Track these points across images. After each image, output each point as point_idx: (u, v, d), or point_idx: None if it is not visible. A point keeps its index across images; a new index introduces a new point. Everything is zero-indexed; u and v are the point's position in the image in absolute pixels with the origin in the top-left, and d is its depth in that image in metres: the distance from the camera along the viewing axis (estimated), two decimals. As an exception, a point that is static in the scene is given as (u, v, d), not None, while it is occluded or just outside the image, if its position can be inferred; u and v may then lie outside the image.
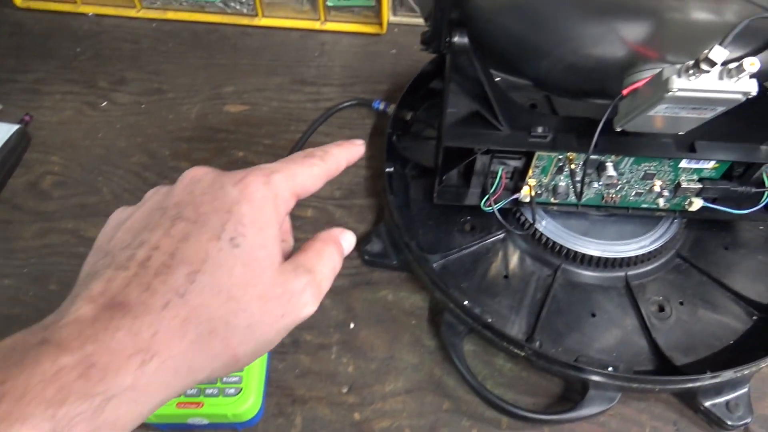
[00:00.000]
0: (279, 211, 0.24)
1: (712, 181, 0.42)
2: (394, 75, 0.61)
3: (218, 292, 0.21)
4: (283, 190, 0.24)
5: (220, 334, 0.21)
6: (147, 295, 0.20)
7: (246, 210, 0.22)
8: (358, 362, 0.42)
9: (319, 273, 0.24)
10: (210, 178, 0.24)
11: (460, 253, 0.46)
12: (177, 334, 0.20)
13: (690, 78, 0.30)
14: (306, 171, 0.25)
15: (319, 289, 0.24)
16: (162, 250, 0.21)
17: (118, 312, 0.19)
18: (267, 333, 0.22)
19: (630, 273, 0.45)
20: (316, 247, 0.25)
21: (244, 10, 0.66)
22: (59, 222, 0.51)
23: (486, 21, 0.36)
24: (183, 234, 0.21)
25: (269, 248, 0.23)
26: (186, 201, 0.23)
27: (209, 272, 0.21)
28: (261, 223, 0.23)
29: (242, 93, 0.60)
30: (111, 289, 0.20)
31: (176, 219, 0.22)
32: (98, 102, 0.60)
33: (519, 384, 0.41)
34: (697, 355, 0.41)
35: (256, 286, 0.22)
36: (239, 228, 0.22)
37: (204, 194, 0.23)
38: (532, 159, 0.41)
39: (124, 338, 0.19)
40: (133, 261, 0.21)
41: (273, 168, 0.24)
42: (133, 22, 0.68)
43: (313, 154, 0.26)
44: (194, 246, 0.21)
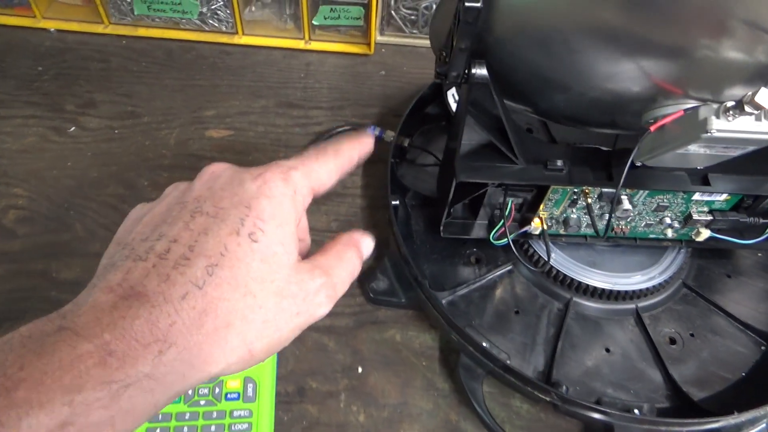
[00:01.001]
0: (297, 208, 0.24)
1: (722, 213, 0.41)
2: (384, 98, 0.59)
3: (236, 286, 0.21)
4: (301, 186, 0.24)
5: (236, 328, 0.21)
6: (166, 285, 0.20)
7: (265, 205, 0.23)
8: (369, 410, 0.40)
9: (336, 276, 0.24)
10: (229, 174, 0.24)
11: (467, 289, 0.44)
12: (195, 325, 0.20)
13: (729, 119, 0.29)
14: (322, 167, 0.26)
15: (334, 291, 0.24)
16: (181, 242, 0.21)
17: (137, 301, 0.19)
18: (281, 330, 0.22)
19: (640, 305, 0.44)
20: (336, 249, 0.25)
21: (223, 27, 0.63)
22: (27, 263, 0.46)
23: (508, 54, 0.35)
24: (202, 227, 0.22)
25: (287, 245, 0.23)
26: (205, 196, 0.23)
27: (228, 266, 0.21)
28: (280, 219, 0.23)
29: (225, 117, 0.57)
30: (129, 279, 0.20)
31: (196, 213, 0.22)
32: (65, 127, 0.55)
33: (538, 427, 0.40)
34: (713, 389, 0.41)
35: (273, 282, 0.22)
36: (258, 223, 0.22)
37: (223, 189, 0.23)
38: (546, 192, 0.40)
39: (143, 327, 0.19)
40: (153, 252, 0.21)
41: (290, 164, 0.25)
42: (101, 38, 0.64)
43: (326, 151, 0.27)
44: (213, 239, 0.21)
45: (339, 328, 0.43)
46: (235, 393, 0.37)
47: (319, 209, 0.50)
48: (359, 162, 0.28)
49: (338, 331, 0.43)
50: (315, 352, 0.42)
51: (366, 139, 0.29)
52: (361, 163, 0.28)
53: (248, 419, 0.36)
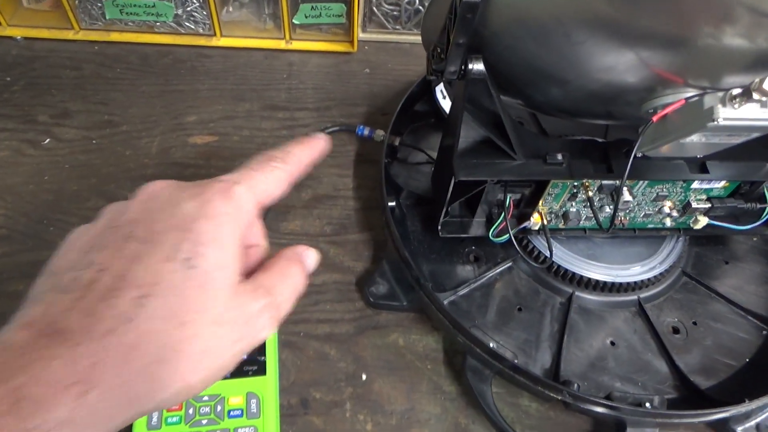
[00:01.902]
0: (241, 226, 0.23)
1: (721, 200, 0.41)
2: (370, 96, 0.58)
3: (170, 317, 0.20)
4: (245, 202, 0.23)
5: (170, 362, 0.19)
6: (90, 320, 0.18)
7: (205, 228, 0.21)
8: (376, 418, 0.39)
9: (279, 294, 0.23)
10: (167, 194, 0.23)
11: (468, 288, 0.44)
12: (121, 362, 0.18)
13: (735, 107, 0.29)
14: (268, 177, 0.24)
15: (278, 311, 0.23)
16: (110, 271, 0.20)
17: (56, 339, 0.18)
18: (221, 358, 0.21)
19: (642, 295, 0.44)
20: (279, 266, 0.24)
21: (200, 29, 0.61)
22: (6, 284, 0.43)
23: (504, 48, 0.34)
24: (134, 254, 0.20)
25: (228, 268, 0.21)
26: (140, 219, 0.22)
27: (161, 296, 0.20)
28: (221, 241, 0.21)
29: (208, 122, 0.55)
30: (50, 314, 0.19)
31: (128, 238, 0.21)
32: (39, 139, 0.53)
33: (548, 425, 0.39)
34: (719, 377, 0.41)
35: (210, 309, 0.20)
36: (197, 248, 0.21)
37: (160, 211, 0.22)
38: (545, 187, 0.39)
39: (61, 367, 0.17)
40: (78, 283, 0.19)
41: (233, 179, 0.23)
42: (72, 45, 0.61)
43: (273, 157, 0.25)
44: (146, 267, 0.20)
45: (339, 335, 0.42)
46: (238, 410, 0.35)
47: (311, 213, 0.49)
48: (313, 165, 0.27)
49: (339, 339, 0.42)
50: (316, 362, 0.41)
51: (317, 141, 0.27)
52: (316, 164, 0.27)
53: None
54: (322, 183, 0.51)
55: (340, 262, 0.46)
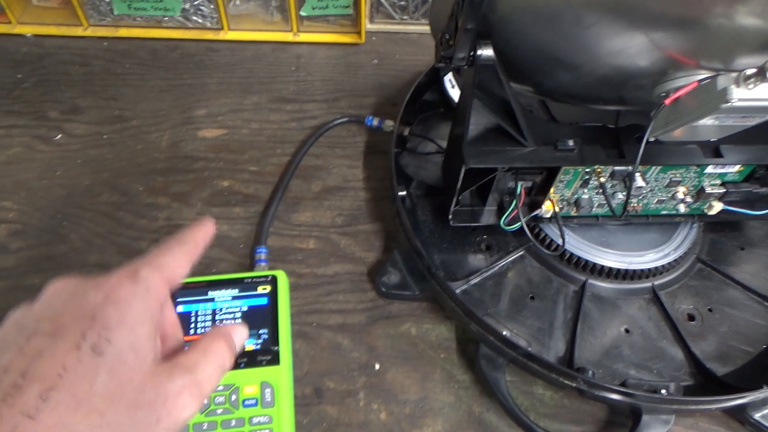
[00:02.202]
0: (151, 306, 0.23)
1: (735, 185, 0.41)
2: (379, 87, 0.58)
3: (77, 407, 0.19)
4: (153, 281, 0.23)
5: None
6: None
7: (112, 312, 0.21)
8: (390, 407, 0.39)
9: (200, 371, 0.23)
10: (72, 288, 0.23)
11: (480, 277, 0.43)
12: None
13: (749, 87, 0.28)
14: (168, 256, 0.25)
15: (199, 389, 0.22)
16: (12, 370, 0.19)
17: None
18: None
19: (656, 283, 0.43)
20: (201, 344, 0.24)
21: (208, 23, 0.61)
22: (23, 278, 0.44)
23: (513, 33, 0.34)
24: (38, 349, 0.20)
25: (140, 350, 0.21)
26: (45, 315, 0.21)
27: (66, 387, 0.19)
28: (130, 322, 0.21)
29: (217, 115, 0.55)
30: None
31: (32, 335, 0.20)
32: (51, 135, 0.53)
33: (563, 413, 0.39)
34: (735, 364, 0.40)
35: (123, 394, 0.20)
36: (103, 333, 0.20)
37: (65, 304, 0.22)
38: (557, 174, 0.39)
39: None
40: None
41: (136, 264, 0.24)
42: (81, 41, 0.61)
43: (168, 242, 0.26)
44: (49, 361, 0.19)
45: (352, 325, 0.42)
46: (252, 399, 0.35)
47: (322, 204, 0.49)
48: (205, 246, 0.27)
49: (352, 329, 0.42)
50: (330, 352, 0.41)
51: (205, 223, 0.28)
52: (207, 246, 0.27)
53: (268, 425, 0.35)
54: (332, 174, 0.51)
55: (351, 252, 0.46)
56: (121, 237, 0.46)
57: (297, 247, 0.46)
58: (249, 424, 0.35)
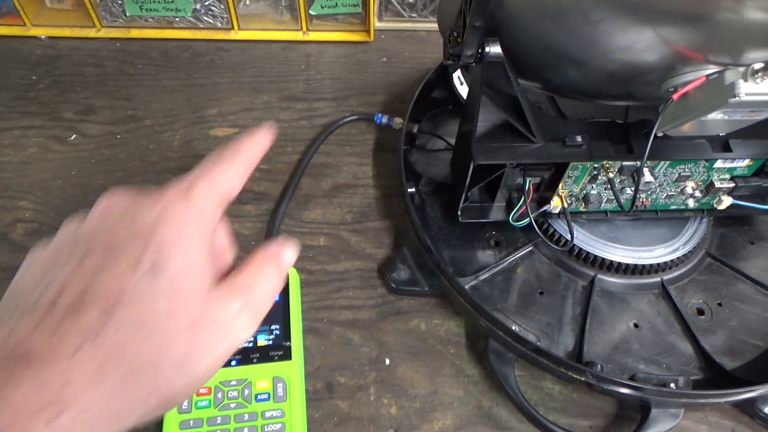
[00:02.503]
0: (205, 228, 0.22)
1: (745, 179, 0.41)
2: (388, 85, 0.58)
3: (140, 327, 0.19)
4: (207, 200, 0.22)
5: (147, 373, 0.19)
6: (55, 340, 0.18)
7: (166, 233, 0.20)
8: (401, 401, 0.39)
9: (255, 293, 0.22)
10: (125, 204, 0.22)
11: (490, 273, 0.44)
12: (93, 380, 0.18)
13: (757, 81, 0.28)
14: (225, 170, 0.23)
15: (255, 311, 0.22)
16: (70, 289, 0.19)
17: (21, 363, 0.17)
18: (202, 364, 0.20)
19: (665, 278, 0.43)
20: (253, 264, 0.23)
21: (218, 23, 0.62)
22: (40, 276, 0.45)
23: (520, 30, 0.34)
24: (94, 268, 0.19)
25: (196, 271, 0.21)
26: (98, 231, 0.21)
27: (127, 307, 0.19)
28: (185, 244, 0.21)
29: (228, 114, 0.56)
30: (14, 338, 0.18)
31: (87, 252, 0.20)
32: (65, 135, 0.54)
33: (572, 407, 0.39)
34: (745, 358, 0.40)
35: (183, 314, 0.20)
36: (160, 254, 0.20)
37: (119, 222, 0.21)
38: (565, 169, 0.39)
39: (29, 392, 0.17)
40: (39, 304, 0.19)
41: (189, 180, 0.22)
42: (94, 43, 0.62)
43: (224, 153, 0.24)
44: (107, 280, 0.19)
45: (363, 321, 0.43)
46: (265, 393, 0.36)
47: (331, 202, 0.50)
48: (263, 154, 0.26)
49: (362, 324, 0.43)
50: (340, 347, 0.42)
51: (263, 131, 0.26)
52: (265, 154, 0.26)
53: (281, 419, 0.35)
54: (342, 172, 0.52)
55: (361, 249, 0.47)
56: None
57: (307, 244, 0.47)
58: (262, 417, 0.35)
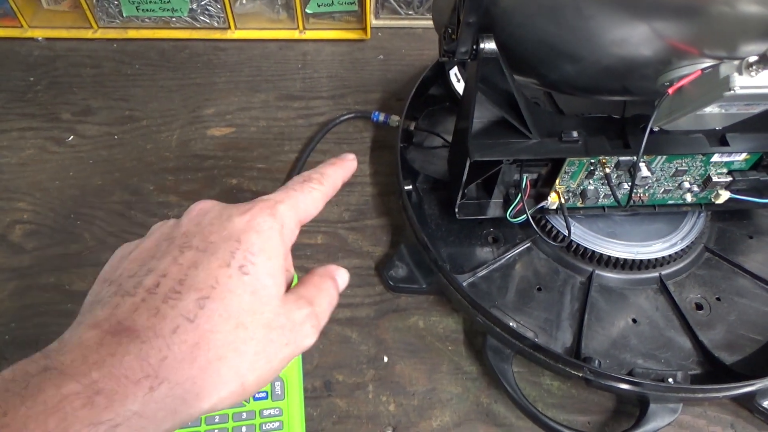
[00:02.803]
0: (285, 241, 0.24)
1: (742, 173, 0.41)
2: (385, 82, 0.58)
3: (227, 318, 0.21)
4: (288, 219, 0.24)
5: (229, 361, 0.21)
6: (156, 319, 0.20)
7: (254, 239, 0.23)
8: (399, 399, 0.39)
9: (318, 305, 0.24)
10: (218, 210, 0.24)
11: (487, 270, 0.44)
12: (187, 359, 0.19)
13: (752, 74, 0.28)
14: (307, 197, 0.26)
15: (318, 321, 0.24)
16: (171, 276, 0.21)
17: (125, 337, 0.19)
18: (272, 362, 0.22)
19: (664, 272, 0.43)
20: (314, 281, 0.25)
21: (215, 23, 0.62)
22: (38, 277, 0.45)
23: (515, 25, 0.34)
24: (192, 261, 0.22)
25: (276, 278, 0.23)
26: (194, 231, 0.23)
27: (219, 298, 0.21)
28: (269, 252, 0.23)
29: (225, 114, 0.56)
30: (117, 314, 0.20)
31: (185, 247, 0.22)
32: (63, 137, 0.54)
33: (571, 403, 0.39)
34: (744, 352, 0.40)
35: (263, 314, 0.22)
36: (248, 256, 0.22)
37: (212, 224, 0.23)
38: (561, 165, 0.39)
39: (132, 363, 0.18)
40: (141, 287, 0.21)
41: (276, 199, 0.25)
42: (91, 44, 0.62)
43: (310, 179, 0.27)
44: (204, 272, 0.21)
45: (361, 319, 0.43)
46: (263, 392, 0.36)
47: (330, 200, 0.49)
48: (344, 183, 0.29)
49: (360, 322, 0.43)
50: (339, 345, 0.42)
51: (348, 162, 0.29)
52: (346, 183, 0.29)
53: (279, 417, 0.35)
54: (339, 170, 0.52)
55: (359, 247, 0.47)
56: (133, 235, 0.46)
57: (305, 242, 0.47)
58: (260, 416, 0.35)
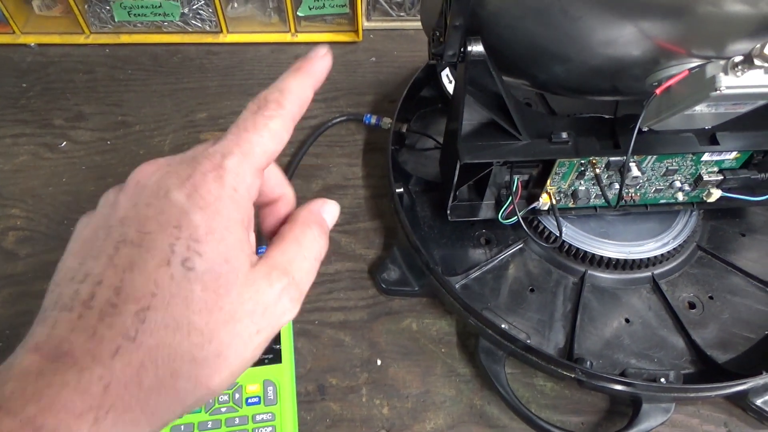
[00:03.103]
0: (242, 205, 0.20)
1: (733, 171, 0.41)
2: (377, 84, 0.58)
3: (176, 327, 0.18)
4: (243, 175, 0.20)
5: (185, 374, 0.18)
6: (93, 342, 0.17)
7: (198, 221, 0.19)
8: (393, 402, 0.39)
9: (297, 270, 0.21)
10: (155, 183, 0.20)
11: (480, 271, 0.44)
12: (132, 383, 0.17)
13: (737, 74, 0.28)
14: (264, 134, 0.21)
15: (298, 290, 0.21)
16: (106, 284, 0.18)
17: (64, 364, 0.17)
18: (241, 355, 0.19)
19: (656, 272, 0.43)
20: (293, 234, 0.22)
21: (207, 27, 0.62)
22: (32, 284, 0.45)
23: (503, 27, 0.34)
24: (128, 261, 0.18)
25: (232, 260, 0.19)
26: (131, 217, 0.19)
27: (161, 307, 0.18)
28: (220, 230, 0.19)
29: (217, 118, 0.56)
30: (55, 336, 0.17)
31: (119, 242, 0.19)
32: (56, 143, 0.54)
33: (564, 404, 0.39)
34: (737, 351, 0.40)
35: (221, 309, 0.19)
36: (192, 245, 0.18)
37: (149, 205, 0.19)
38: (552, 166, 0.39)
39: (72, 395, 0.16)
40: (77, 300, 0.18)
41: (223, 149, 0.20)
42: (83, 49, 0.62)
43: (266, 103, 0.21)
44: (141, 277, 0.18)
45: (354, 322, 0.43)
46: (255, 397, 0.36)
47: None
48: (316, 89, 0.23)
49: (353, 326, 0.43)
50: (332, 349, 0.42)
51: (318, 61, 0.23)
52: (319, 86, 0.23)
53: (271, 422, 0.35)
54: (332, 173, 0.52)
55: (352, 250, 0.47)
56: (126, 241, 0.46)
57: (298, 246, 0.47)
58: (252, 421, 0.35)
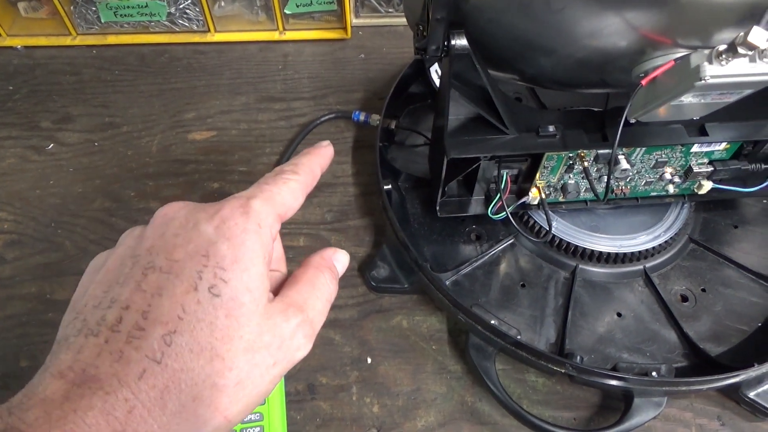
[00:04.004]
0: (264, 243, 0.21)
1: (723, 162, 0.40)
2: (366, 81, 0.58)
3: (200, 352, 0.19)
4: (265, 216, 0.22)
5: (206, 400, 0.19)
6: (120, 365, 0.18)
7: (225, 250, 0.20)
8: (383, 400, 0.39)
9: (311, 309, 0.22)
10: (183, 216, 0.22)
11: (471, 267, 0.43)
12: (156, 406, 0.18)
13: (722, 63, 0.28)
14: (283, 189, 0.23)
15: (312, 327, 0.22)
16: (133, 308, 0.19)
17: (89, 388, 0.17)
18: (258, 386, 0.20)
19: (648, 265, 0.43)
20: (306, 276, 0.23)
21: (194, 26, 0.61)
22: (19, 287, 0.45)
23: (487, 20, 0.34)
24: (156, 287, 0.19)
25: (254, 291, 0.20)
26: (158, 246, 0.21)
27: (187, 330, 0.19)
28: (244, 262, 0.20)
29: (206, 118, 0.55)
30: (81, 361, 0.18)
31: (148, 269, 0.20)
32: (43, 145, 0.54)
33: (556, 399, 0.39)
34: (730, 343, 0.40)
35: (242, 338, 0.20)
36: (219, 273, 0.20)
37: (176, 236, 0.21)
38: (541, 160, 0.39)
39: (97, 419, 0.17)
40: (104, 325, 0.19)
41: (249, 194, 0.22)
42: (70, 51, 0.62)
43: (283, 171, 0.25)
44: (169, 301, 0.19)
45: (344, 320, 0.43)
46: (243, 398, 0.36)
47: (311, 202, 0.49)
48: (323, 171, 0.26)
49: (343, 324, 0.42)
50: (322, 347, 0.41)
51: (324, 149, 0.27)
52: (325, 171, 0.27)
53: (259, 422, 0.35)
54: (322, 171, 0.51)
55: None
56: (114, 242, 0.46)
57: (287, 245, 0.47)
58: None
